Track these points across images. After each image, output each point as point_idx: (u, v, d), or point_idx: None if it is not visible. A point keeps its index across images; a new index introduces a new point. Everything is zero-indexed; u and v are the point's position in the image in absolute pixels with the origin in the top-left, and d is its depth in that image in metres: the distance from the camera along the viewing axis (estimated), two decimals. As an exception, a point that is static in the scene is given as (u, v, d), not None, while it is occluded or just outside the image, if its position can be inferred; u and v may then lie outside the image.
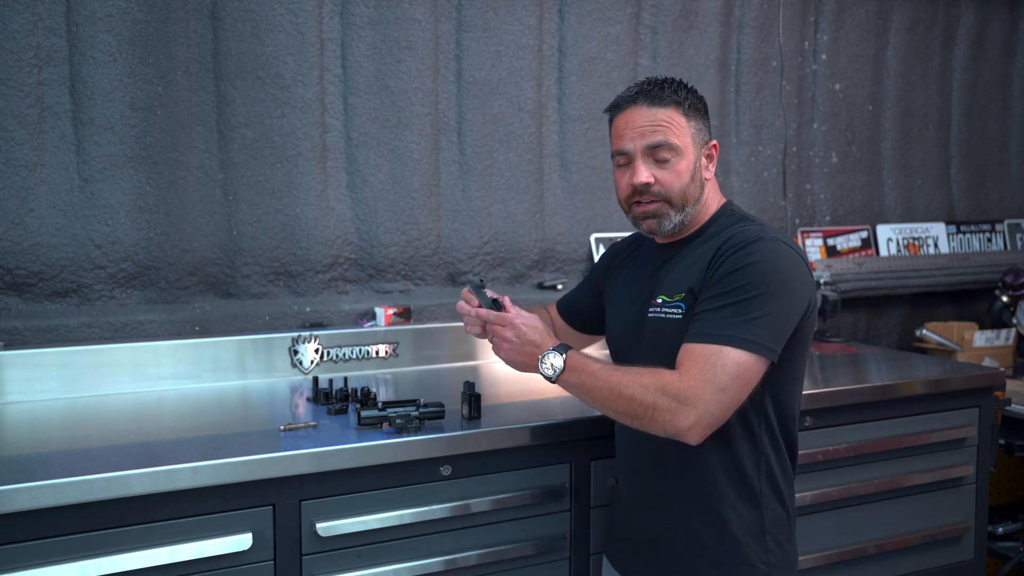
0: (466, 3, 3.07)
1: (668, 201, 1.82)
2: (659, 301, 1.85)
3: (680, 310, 1.80)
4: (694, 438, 1.69)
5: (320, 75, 2.87)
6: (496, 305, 1.94)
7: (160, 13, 2.66)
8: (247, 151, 2.81)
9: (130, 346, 2.51)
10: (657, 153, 1.81)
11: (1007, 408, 2.86)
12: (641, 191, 1.83)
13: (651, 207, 1.84)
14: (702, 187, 1.86)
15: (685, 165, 1.82)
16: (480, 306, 1.95)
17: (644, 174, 1.81)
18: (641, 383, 1.70)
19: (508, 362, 1.89)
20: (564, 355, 1.79)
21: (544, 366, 1.80)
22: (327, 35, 2.89)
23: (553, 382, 1.81)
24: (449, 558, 2.02)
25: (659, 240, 1.94)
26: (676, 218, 1.84)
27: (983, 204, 4.18)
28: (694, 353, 1.69)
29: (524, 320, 1.86)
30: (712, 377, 1.66)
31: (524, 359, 1.85)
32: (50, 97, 2.58)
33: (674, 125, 1.81)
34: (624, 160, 1.85)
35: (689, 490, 1.84)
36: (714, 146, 1.88)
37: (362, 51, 2.94)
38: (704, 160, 1.86)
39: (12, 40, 2.50)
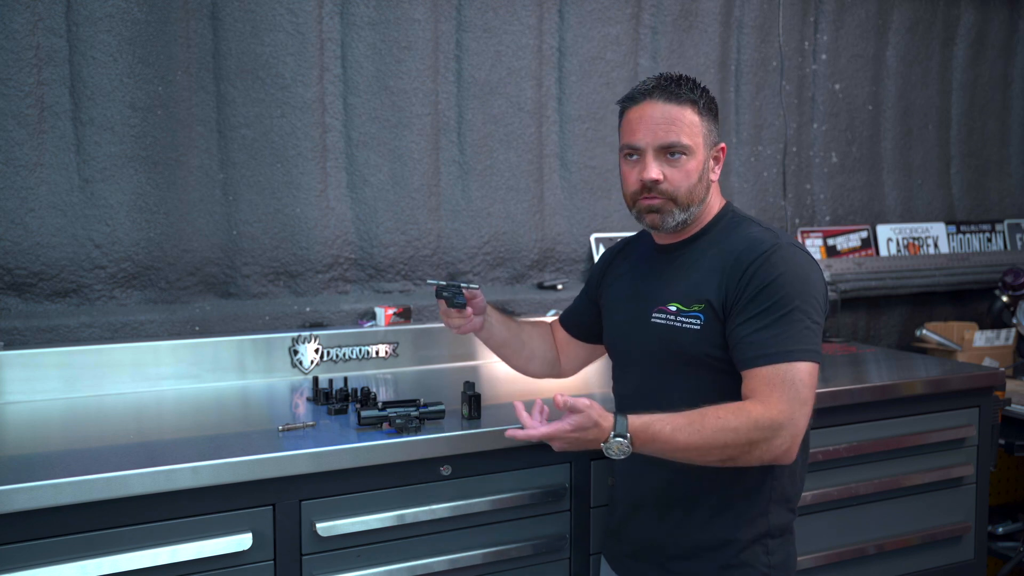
0: (466, 3, 3.07)
1: (674, 200, 1.81)
2: (672, 309, 1.82)
3: (699, 321, 1.78)
4: (790, 458, 1.70)
5: (320, 75, 2.87)
6: (456, 289, 2.01)
7: (160, 13, 2.66)
8: (247, 151, 2.81)
9: (130, 346, 2.51)
10: (669, 151, 1.79)
11: (1007, 408, 2.85)
12: (649, 187, 1.81)
13: (656, 202, 1.81)
14: (708, 188, 1.85)
15: (695, 165, 1.80)
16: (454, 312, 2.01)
17: (655, 171, 1.79)
18: (730, 428, 1.64)
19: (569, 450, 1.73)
20: (627, 437, 1.64)
21: (611, 452, 1.66)
22: (327, 35, 2.89)
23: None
24: (449, 558, 2.02)
25: (659, 240, 1.93)
26: (680, 216, 1.82)
27: (983, 204, 4.18)
28: (769, 377, 1.68)
29: (572, 421, 1.66)
30: (795, 395, 1.67)
31: (586, 447, 1.70)
32: (50, 97, 2.58)
33: (687, 124, 1.79)
34: (633, 153, 1.83)
35: (691, 491, 1.83)
36: (722, 148, 1.87)
37: (362, 51, 2.94)
38: (712, 162, 1.85)
39: (12, 40, 2.50)
